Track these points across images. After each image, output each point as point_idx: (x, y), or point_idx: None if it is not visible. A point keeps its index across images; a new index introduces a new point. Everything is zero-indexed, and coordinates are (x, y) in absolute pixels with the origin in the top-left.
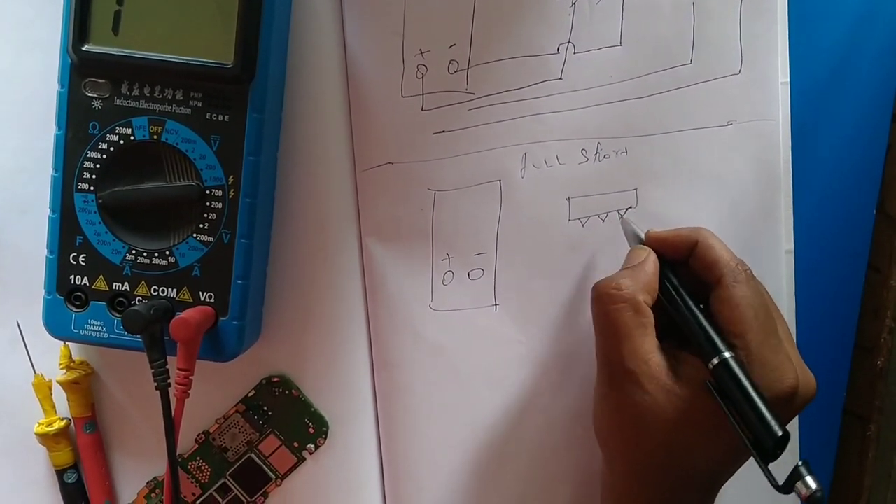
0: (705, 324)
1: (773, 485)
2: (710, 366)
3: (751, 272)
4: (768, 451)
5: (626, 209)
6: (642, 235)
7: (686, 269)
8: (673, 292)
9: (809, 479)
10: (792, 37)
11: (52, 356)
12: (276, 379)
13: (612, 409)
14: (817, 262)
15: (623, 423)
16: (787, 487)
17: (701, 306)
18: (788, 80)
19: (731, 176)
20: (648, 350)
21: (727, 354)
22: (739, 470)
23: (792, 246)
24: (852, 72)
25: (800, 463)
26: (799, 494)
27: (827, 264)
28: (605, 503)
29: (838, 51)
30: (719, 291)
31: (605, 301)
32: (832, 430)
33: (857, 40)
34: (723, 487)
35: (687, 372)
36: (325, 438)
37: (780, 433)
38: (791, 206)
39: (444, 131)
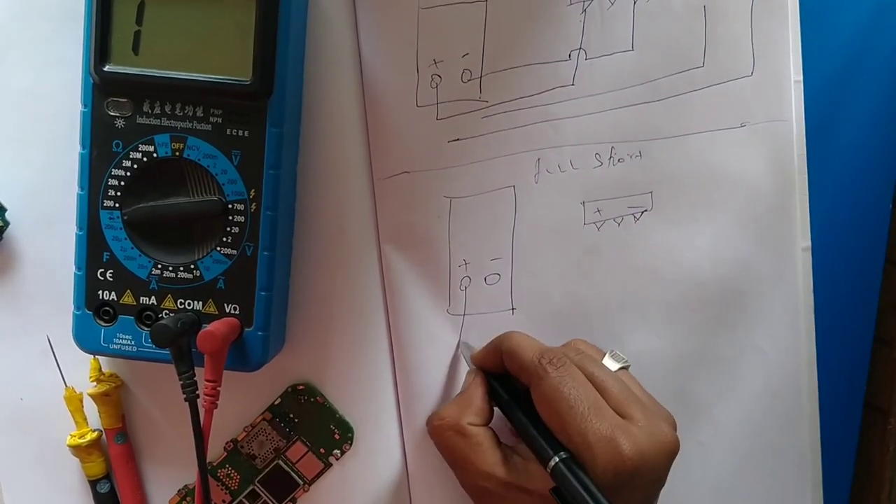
0: (530, 429)
1: None
2: (548, 471)
3: (556, 357)
4: None
5: (642, 212)
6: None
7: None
8: (503, 405)
9: None
10: (804, 34)
11: (82, 369)
12: (301, 387)
13: None
14: (835, 258)
15: None
16: None
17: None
18: (802, 78)
19: (746, 177)
20: (491, 464)
21: (555, 458)
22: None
23: (809, 243)
24: (865, 68)
25: None
26: None
27: (844, 260)
28: None
29: (851, 47)
30: (533, 392)
31: (433, 434)
32: (853, 424)
33: (870, 36)
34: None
35: (535, 470)
36: (351, 444)
37: None
38: (807, 203)
39: (458, 139)
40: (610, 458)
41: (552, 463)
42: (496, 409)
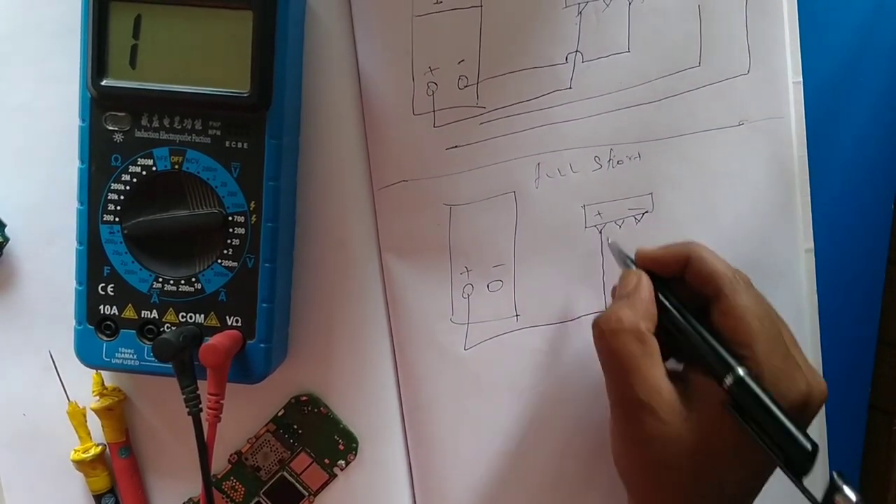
0: (713, 342)
1: (810, 500)
2: (725, 385)
3: (749, 280)
4: (800, 466)
5: (643, 213)
6: (632, 256)
7: (681, 285)
8: (675, 312)
9: (848, 491)
10: (803, 35)
11: (84, 383)
12: (304, 398)
13: (633, 445)
14: (838, 259)
15: (645, 458)
16: (826, 502)
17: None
18: (801, 79)
19: (746, 175)
20: (659, 379)
21: (741, 371)
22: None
23: (812, 244)
24: (865, 68)
25: (835, 474)
26: None
27: (847, 261)
28: None
29: (851, 48)
30: (720, 304)
31: (608, 337)
32: (859, 426)
33: (869, 36)
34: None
35: (699, 395)
36: (356, 454)
37: (809, 447)
38: (809, 204)
39: (457, 146)
40: (788, 388)
41: (733, 377)
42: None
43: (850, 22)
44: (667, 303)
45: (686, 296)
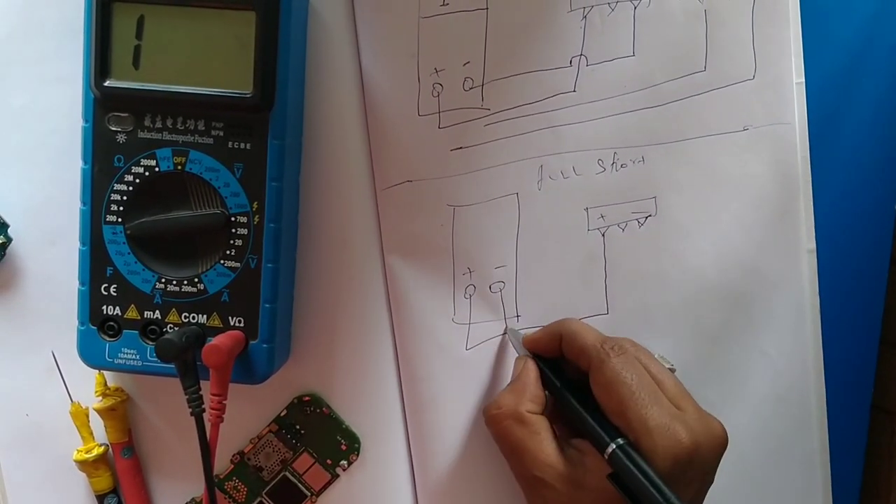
0: (587, 417)
1: None
2: (606, 457)
3: (619, 345)
4: None
5: (646, 217)
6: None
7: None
8: (556, 393)
9: None
10: (806, 36)
11: (87, 384)
12: (306, 398)
13: None
14: (840, 260)
15: None
16: None
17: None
18: (804, 80)
19: (750, 180)
20: (549, 454)
21: (614, 444)
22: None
23: (814, 245)
24: (867, 69)
25: None
26: None
27: (850, 262)
28: None
29: (852, 49)
30: (592, 376)
31: (491, 423)
32: (861, 427)
33: (871, 37)
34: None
35: (590, 462)
36: (358, 454)
37: None
38: (811, 205)
39: (461, 147)
40: (669, 445)
41: (610, 448)
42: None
43: (851, 24)
44: (551, 383)
45: (577, 372)
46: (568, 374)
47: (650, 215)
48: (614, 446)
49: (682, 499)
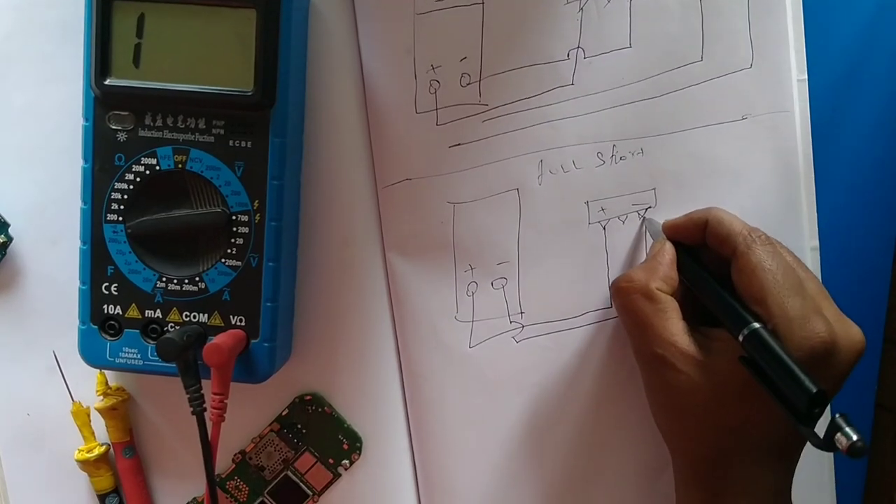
0: (727, 298)
1: (813, 443)
2: (740, 339)
3: (765, 236)
4: (807, 410)
5: (646, 209)
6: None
7: (710, 251)
8: (694, 276)
9: (849, 430)
10: (808, 33)
11: (89, 383)
12: (308, 397)
13: (655, 393)
14: (843, 258)
15: (667, 405)
16: (827, 443)
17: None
18: (806, 76)
19: (750, 170)
20: (673, 332)
21: (754, 325)
22: None
23: (817, 242)
24: (871, 65)
25: (837, 416)
26: (840, 446)
27: (853, 260)
28: (677, 493)
29: (855, 45)
30: (735, 262)
31: (619, 295)
32: (864, 425)
33: (873, 34)
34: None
35: (718, 347)
36: (360, 453)
37: (813, 389)
38: (814, 202)
39: (459, 144)
40: (806, 336)
41: (747, 330)
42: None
43: (854, 19)
44: (688, 267)
45: (715, 261)
46: (707, 263)
47: (650, 207)
48: (752, 329)
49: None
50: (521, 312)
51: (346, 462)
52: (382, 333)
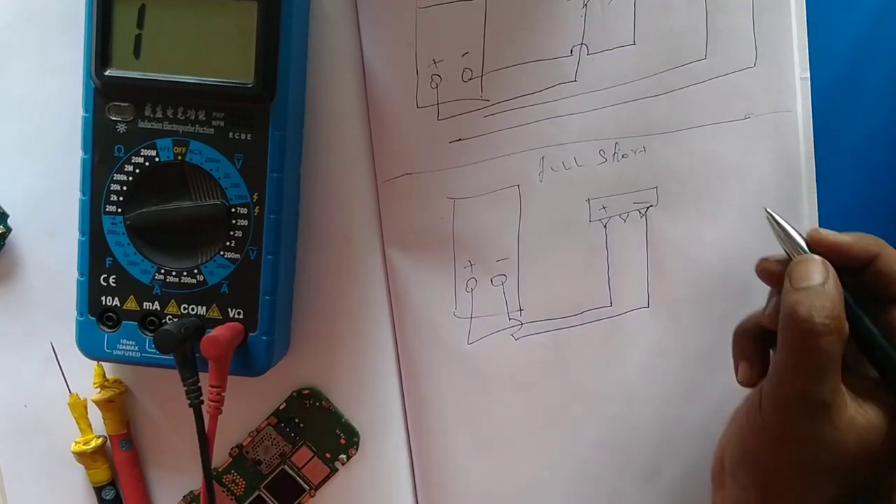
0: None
1: None
2: None
3: None
4: None
5: (647, 207)
6: (802, 239)
7: (850, 276)
8: (861, 315)
9: None
10: (811, 31)
11: (86, 375)
12: (306, 391)
13: (789, 442)
14: None
15: (799, 458)
16: None
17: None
18: (809, 75)
19: (752, 169)
20: (840, 381)
21: None
22: None
23: None
24: (873, 64)
25: None
26: None
27: None
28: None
29: (858, 44)
30: None
31: (818, 331)
32: None
33: (876, 33)
34: None
35: (872, 401)
36: (357, 448)
37: None
38: (816, 201)
39: (460, 139)
40: None
41: None
42: None
43: (857, 18)
44: (848, 303)
45: (852, 288)
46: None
47: (651, 206)
48: None
49: None
50: (521, 310)
51: (343, 457)
52: (381, 328)
